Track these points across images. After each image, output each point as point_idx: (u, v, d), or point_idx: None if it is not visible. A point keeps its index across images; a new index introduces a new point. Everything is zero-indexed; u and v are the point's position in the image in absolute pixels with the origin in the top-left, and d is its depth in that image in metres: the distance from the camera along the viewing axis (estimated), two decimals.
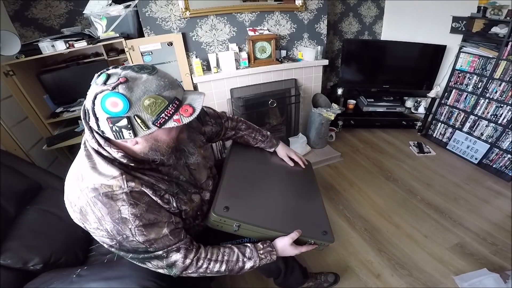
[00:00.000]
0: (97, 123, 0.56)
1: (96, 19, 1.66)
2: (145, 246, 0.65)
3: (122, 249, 0.65)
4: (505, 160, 2.03)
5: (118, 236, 0.62)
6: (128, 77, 0.55)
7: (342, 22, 2.91)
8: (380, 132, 2.80)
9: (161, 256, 0.68)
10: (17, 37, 1.47)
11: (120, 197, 0.60)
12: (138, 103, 0.54)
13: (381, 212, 1.76)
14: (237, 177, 0.95)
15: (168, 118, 0.58)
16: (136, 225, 0.62)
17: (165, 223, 0.68)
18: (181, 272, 0.72)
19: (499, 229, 1.59)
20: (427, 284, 1.31)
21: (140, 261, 0.68)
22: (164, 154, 0.68)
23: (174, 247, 0.69)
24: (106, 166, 0.61)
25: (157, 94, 0.56)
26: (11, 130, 1.53)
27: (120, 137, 0.57)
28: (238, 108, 2.05)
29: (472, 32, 2.16)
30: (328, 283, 1.29)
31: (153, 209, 0.66)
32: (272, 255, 0.80)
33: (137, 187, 0.63)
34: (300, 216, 0.93)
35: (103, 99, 0.53)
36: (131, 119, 0.55)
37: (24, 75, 1.62)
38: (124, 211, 0.61)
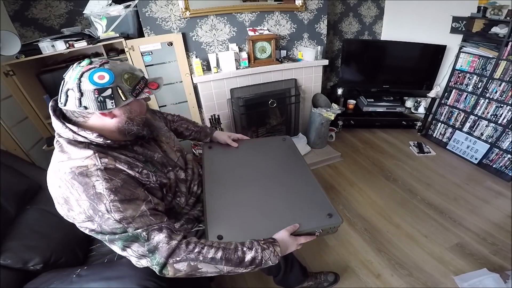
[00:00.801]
0: (80, 98, 0.63)
1: (96, 19, 1.66)
2: (122, 226, 0.62)
3: (102, 231, 0.64)
4: (505, 160, 2.03)
5: (95, 216, 0.62)
6: (108, 60, 0.69)
7: (342, 22, 2.91)
8: (380, 132, 2.80)
9: (140, 236, 0.63)
10: (17, 37, 1.46)
11: (94, 173, 0.63)
12: (120, 76, 0.66)
13: (381, 212, 1.76)
14: (219, 192, 0.92)
15: (141, 90, 0.70)
16: (111, 199, 0.62)
17: (142, 201, 0.68)
18: (166, 258, 0.63)
19: (499, 229, 1.59)
20: (427, 284, 1.31)
21: (120, 246, 0.64)
22: (139, 124, 0.76)
23: (156, 226, 0.66)
24: (79, 151, 0.66)
25: (131, 71, 0.70)
26: (11, 130, 1.52)
27: (103, 108, 0.64)
28: (238, 108, 2.06)
29: (472, 32, 2.16)
30: (328, 283, 1.29)
31: (129, 186, 0.67)
32: (275, 246, 0.73)
33: (111, 163, 0.67)
34: (298, 208, 0.87)
35: (92, 73, 0.63)
36: (114, 90, 0.65)
37: (24, 75, 1.62)
38: (98, 186, 0.62)
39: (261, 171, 1.05)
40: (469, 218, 1.68)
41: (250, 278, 1.38)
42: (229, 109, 2.15)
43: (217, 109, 2.10)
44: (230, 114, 2.17)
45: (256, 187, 0.97)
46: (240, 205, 0.89)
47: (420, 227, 1.63)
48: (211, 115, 2.07)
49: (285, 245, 0.77)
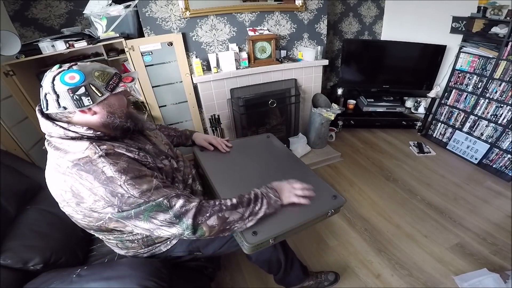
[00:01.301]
0: (58, 100, 0.66)
1: (96, 19, 1.66)
2: (143, 200, 0.66)
3: (124, 210, 0.66)
4: (505, 160, 2.03)
5: (114, 199, 0.65)
6: (77, 63, 0.71)
7: (342, 22, 2.91)
8: (380, 132, 2.80)
9: (163, 204, 0.67)
10: (17, 37, 1.46)
11: (99, 161, 0.65)
12: (90, 75, 0.68)
13: (381, 212, 1.76)
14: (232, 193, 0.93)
15: (116, 85, 0.72)
16: (124, 180, 0.65)
17: (151, 176, 0.71)
18: (193, 218, 0.69)
19: (499, 229, 1.59)
20: (427, 284, 1.31)
21: (145, 218, 0.67)
22: (121, 117, 0.77)
23: (173, 194, 0.70)
24: (75, 143, 0.68)
25: (102, 69, 0.71)
26: (11, 130, 1.52)
27: (80, 105, 0.67)
28: (238, 108, 2.06)
29: (472, 32, 2.17)
30: (329, 282, 1.29)
31: (134, 165, 0.70)
32: (271, 188, 0.86)
33: (110, 149, 0.69)
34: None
35: (62, 75, 0.66)
36: (87, 87, 0.67)
37: (24, 75, 1.61)
38: (107, 170, 0.65)
39: (259, 168, 1.09)
40: (469, 218, 1.68)
41: (250, 278, 1.38)
42: (229, 109, 2.15)
43: (217, 109, 2.10)
44: (230, 114, 2.18)
45: (261, 183, 0.99)
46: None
47: (420, 227, 1.63)
48: (211, 115, 2.07)
49: (281, 186, 0.88)
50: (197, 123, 2.17)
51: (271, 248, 0.99)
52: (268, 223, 0.82)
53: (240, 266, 1.43)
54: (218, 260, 1.27)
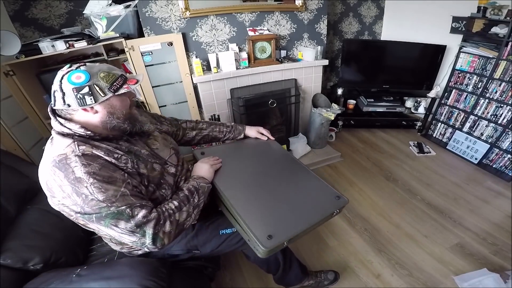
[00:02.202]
0: (63, 98, 0.70)
1: (96, 19, 1.66)
2: (106, 205, 0.66)
3: (86, 212, 0.67)
4: (505, 160, 2.03)
5: (78, 199, 0.66)
6: (86, 63, 0.75)
7: (342, 22, 2.91)
8: (380, 132, 2.80)
9: (125, 212, 0.67)
10: (17, 37, 1.46)
11: (73, 159, 0.67)
12: (96, 75, 0.72)
13: (381, 212, 1.76)
14: (246, 200, 0.93)
15: (119, 86, 0.75)
16: (91, 182, 0.66)
17: (122, 182, 0.71)
18: (154, 228, 0.69)
19: (499, 229, 1.59)
20: (427, 284, 1.31)
21: (107, 224, 0.68)
22: (119, 118, 0.79)
23: (138, 204, 0.71)
24: (61, 139, 0.72)
25: (108, 70, 0.75)
26: (11, 130, 1.52)
27: (83, 104, 0.70)
28: (238, 108, 2.05)
29: (472, 32, 2.17)
30: (329, 281, 1.29)
31: (107, 169, 0.70)
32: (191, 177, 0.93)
33: (88, 150, 0.71)
34: (310, 199, 0.97)
35: (70, 75, 0.70)
36: (91, 87, 0.71)
37: (24, 75, 1.62)
38: (77, 171, 0.66)
39: (263, 172, 1.08)
40: (469, 218, 1.68)
41: (250, 278, 1.38)
42: (229, 109, 2.15)
43: (217, 109, 2.10)
44: (230, 114, 2.17)
45: (267, 187, 1.00)
46: (267, 204, 0.93)
47: (420, 227, 1.63)
48: (211, 115, 2.07)
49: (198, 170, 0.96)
50: None
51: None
52: (282, 226, 0.83)
53: (240, 266, 1.43)
54: (218, 260, 1.27)
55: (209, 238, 0.98)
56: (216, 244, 0.98)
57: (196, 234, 0.97)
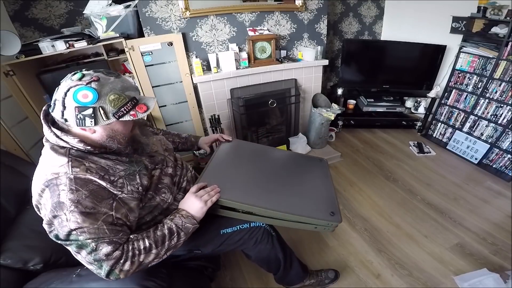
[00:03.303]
0: (63, 111, 0.65)
1: (96, 19, 1.66)
2: (75, 233, 0.64)
3: (57, 236, 0.66)
4: (505, 160, 2.03)
5: (54, 221, 0.65)
6: (100, 77, 0.68)
7: (342, 22, 2.91)
8: (380, 132, 2.80)
9: (89, 246, 0.65)
10: (17, 37, 1.46)
11: (63, 182, 0.65)
12: (105, 97, 0.66)
13: (381, 212, 1.76)
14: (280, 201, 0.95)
15: (126, 112, 0.69)
16: (71, 210, 0.64)
17: (103, 215, 0.68)
18: (111, 267, 0.67)
19: (499, 229, 1.59)
20: (427, 284, 1.31)
21: (71, 248, 0.67)
22: (121, 143, 0.76)
23: (106, 239, 0.67)
24: (57, 157, 0.68)
25: (120, 92, 0.69)
26: (11, 130, 1.52)
27: (81, 124, 0.66)
28: (238, 108, 2.05)
29: (472, 32, 2.17)
30: (329, 280, 1.29)
31: (94, 198, 0.67)
32: (180, 212, 0.82)
33: (82, 173, 0.67)
34: (305, 196, 0.99)
35: (77, 91, 0.64)
36: (96, 110, 0.66)
37: (24, 75, 1.61)
38: (62, 195, 0.64)
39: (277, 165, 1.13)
40: (469, 218, 1.68)
41: (250, 278, 1.38)
42: (229, 109, 2.15)
43: (217, 109, 2.10)
44: (230, 114, 2.17)
45: (267, 172, 1.05)
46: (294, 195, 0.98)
47: (420, 227, 1.63)
48: (211, 115, 2.07)
49: (189, 205, 0.84)
50: (197, 123, 2.17)
51: (269, 246, 1.00)
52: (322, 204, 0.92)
53: (240, 266, 1.43)
54: (218, 260, 1.27)
55: (210, 238, 0.98)
56: (217, 243, 0.98)
57: (198, 234, 0.97)
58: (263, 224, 0.99)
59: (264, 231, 0.99)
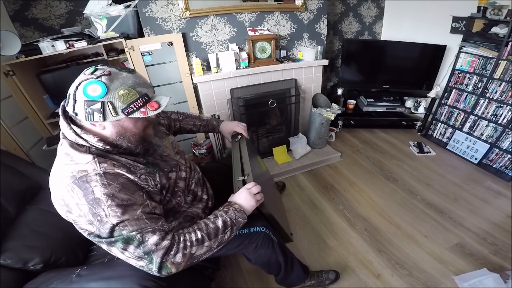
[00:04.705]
0: (74, 105, 0.65)
1: (96, 19, 1.66)
2: (118, 228, 0.64)
3: (99, 235, 0.66)
4: (505, 160, 2.03)
5: (94, 220, 0.64)
6: (112, 71, 0.66)
7: (342, 22, 2.91)
8: (380, 132, 2.80)
9: (135, 238, 0.65)
10: (17, 37, 1.46)
11: (93, 178, 0.65)
12: (114, 92, 0.65)
13: (381, 212, 1.76)
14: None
15: (136, 109, 0.67)
16: (109, 204, 0.64)
17: (139, 205, 0.68)
18: (162, 257, 0.67)
19: (499, 229, 1.59)
20: (427, 284, 1.31)
21: (116, 247, 0.66)
22: (131, 142, 0.74)
23: (150, 228, 0.67)
24: (80, 155, 0.67)
25: (131, 87, 0.67)
26: (11, 130, 1.52)
27: (90, 119, 0.65)
28: (238, 108, 2.05)
29: (472, 32, 2.16)
30: (330, 280, 1.30)
31: (127, 190, 0.68)
32: (233, 205, 0.83)
33: (110, 168, 0.67)
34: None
35: (87, 85, 0.63)
36: (105, 104, 0.64)
37: (24, 75, 1.62)
38: (96, 191, 0.64)
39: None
40: (469, 218, 1.68)
41: (250, 278, 1.38)
42: (229, 109, 2.15)
43: (217, 109, 2.10)
44: (230, 114, 2.17)
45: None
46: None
47: (420, 227, 1.63)
48: (211, 115, 2.07)
49: (241, 199, 0.85)
50: None
51: (270, 251, 0.99)
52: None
53: (240, 266, 1.43)
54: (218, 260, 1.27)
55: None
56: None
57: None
58: (264, 229, 0.97)
59: (265, 236, 0.97)
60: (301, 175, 2.18)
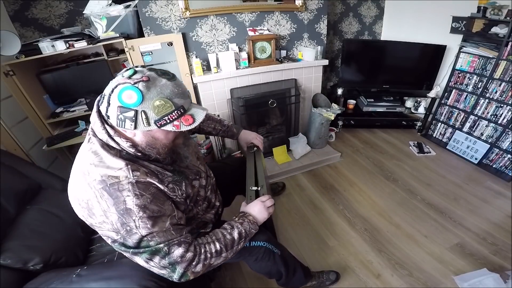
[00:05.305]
0: (107, 108, 0.62)
1: (96, 19, 1.66)
2: (146, 239, 0.64)
3: (125, 244, 0.65)
4: (505, 160, 2.03)
5: (122, 230, 0.63)
6: (151, 77, 0.62)
7: (342, 22, 2.91)
8: (380, 132, 2.80)
9: (162, 250, 0.66)
10: (17, 37, 1.47)
11: (126, 187, 0.63)
12: (149, 101, 0.61)
13: (381, 212, 1.76)
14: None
15: (169, 122, 0.63)
16: (140, 216, 0.63)
17: (168, 217, 0.69)
18: (185, 268, 0.68)
19: (499, 229, 1.59)
20: (427, 284, 1.31)
21: (142, 258, 0.66)
22: (160, 153, 0.73)
23: (176, 241, 0.68)
24: (112, 158, 0.65)
25: (168, 98, 0.62)
26: (11, 130, 1.52)
27: (121, 125, 0.62)
28: (238, 108, 2.05)
29: (472, 32, 2.16)
30: (330, 281, 1.30)
31: (157, 201, 0.67)
32: (248, 217, 0.85)
33: (143, 177, 0.66)
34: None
35: (122, 90, 0.60)
36: (138, 113, 0.61)
37: (24, 75, 1.62)
38: (128, 201, 0.62)
39: None
40: (469, 218, 1.68)
41: (250, 278, 1.38)
42: (229, 109, 2.15)
43: (217, 109, 2.10)
44: (230, 114, 2.17)
45: None
46: None
47: (420, 227, 1.63)
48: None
49: (255, 211, 0.87)
50: None
51: (271, 263, 0.97)
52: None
53: (240, 266, 1.43)
54: None
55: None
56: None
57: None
58: (265, 244, 0.94)
59: (265, 251, 0.94)
60: (301, 175, 2.18)
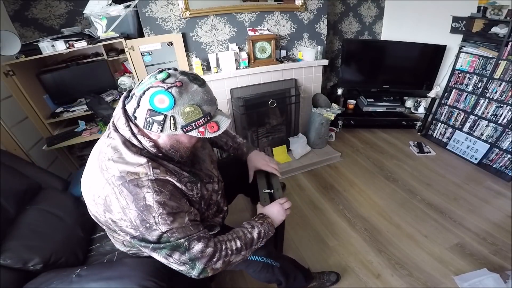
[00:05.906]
0: (135, 109, 0.62)
1: (96, 19, 1.66)
2: (167, 235, 0.65)
3: (144, 239, 0.66)
4: (505, 160, 2.03)
5: (141, 227, 0.64)
6: (183, 82, 0.62)
7: (342, 22, 2.91)
8: (380, 132, 2.80)
9: (183, 245, 0.66)
10: (17, 37, 1.47)
11: (145, 184, 0.63)
12: (180, 107, 0.61)
13: (381, 212, 1.76)
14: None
15: (195, 128, 0.64)
16: (160, 212, 0.64)
17: (186, 213, 0.70)
18: (205, 264, 0.69)
19: (499, 229, 1.59)
20: (427, 284, 1.31)
21: (161, 254, 0.67)
22: (183, 156, 0.74)
23: (195, 236, 0.69)
24: (132, 155, 0.65)
25: (197, 105, 0.63)
26: (11, 130, 1.53)
27: (148, 128, 0.62)
28: (238, 108, 2.05)
29: (472, 32, 2.16)
30: (331, 282, 1.30)
31: (175, 198, 0.68)
32: (267, 218, 0.88)
33: (162, 174, 0.67)
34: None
35: (155, 93, 0.60)
36: (167, 118, 0.61)
37: (24, 75, 1.62)
38: (148, 198, 0.63)
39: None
40: (469, 218, 1.68)
41: (250, 278, 1.37)
42: (229, 109, 2.15)
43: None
44: (230, 114, 2.17)
45: None
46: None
47: (420, 227, 1.63)
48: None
49: (274, 214, 0.91)
50: None
51: (270, 275, 0.96)
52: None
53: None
54: None
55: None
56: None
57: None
58: (263, 259, 0.92)
59: (263, 265, 0.93)
60: (301, 175, 2.18)
